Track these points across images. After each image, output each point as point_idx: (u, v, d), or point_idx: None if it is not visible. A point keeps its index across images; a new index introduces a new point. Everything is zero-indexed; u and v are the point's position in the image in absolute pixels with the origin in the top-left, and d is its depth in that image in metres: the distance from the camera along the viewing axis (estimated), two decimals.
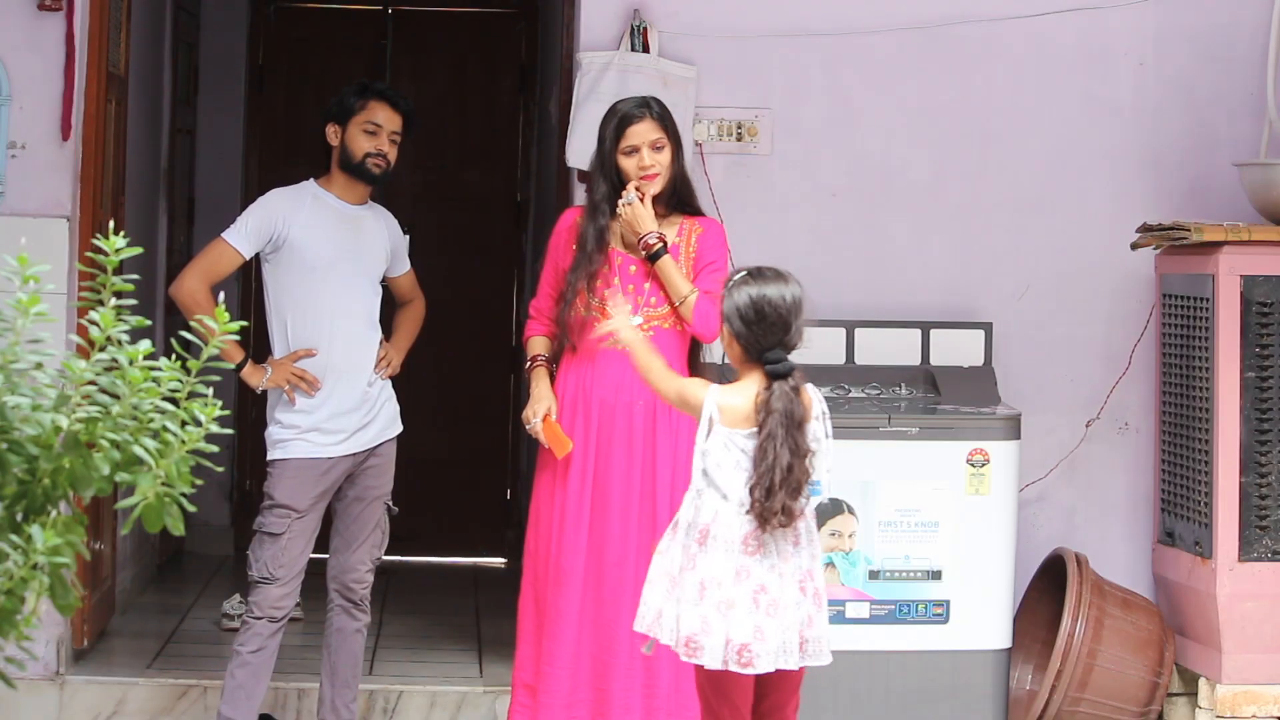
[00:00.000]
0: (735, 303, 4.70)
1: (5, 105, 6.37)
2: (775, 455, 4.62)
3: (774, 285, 4.71)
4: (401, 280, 6.24)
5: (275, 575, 5.85)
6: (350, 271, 5.96)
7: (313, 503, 5.90)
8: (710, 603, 4.65)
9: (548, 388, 5.83)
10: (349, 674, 6.02)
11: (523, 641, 5.84)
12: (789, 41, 6.80)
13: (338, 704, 6.02)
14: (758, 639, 4.64)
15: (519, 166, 9.59)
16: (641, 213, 5.75)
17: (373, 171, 5.99)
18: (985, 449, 6.32)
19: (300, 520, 5.87)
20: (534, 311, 5.97)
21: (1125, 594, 6.61)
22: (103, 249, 3.35)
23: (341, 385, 5.93)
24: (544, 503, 5.84)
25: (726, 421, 4.69)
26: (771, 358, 4.66)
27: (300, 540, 5.88)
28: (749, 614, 4.64)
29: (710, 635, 4.64)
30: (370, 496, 6.01)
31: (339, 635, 6.01)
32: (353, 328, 5.94)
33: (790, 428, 4.63)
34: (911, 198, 6.88)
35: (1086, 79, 6.92)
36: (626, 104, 5.83)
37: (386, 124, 6.00)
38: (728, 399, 4.72)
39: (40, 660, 6.30)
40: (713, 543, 4.68)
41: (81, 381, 3.24)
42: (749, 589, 4.65)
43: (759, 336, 4.68)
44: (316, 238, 5.91)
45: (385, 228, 6.12)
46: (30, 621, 3.23)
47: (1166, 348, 6.74)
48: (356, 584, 6.00)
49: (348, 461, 5.95)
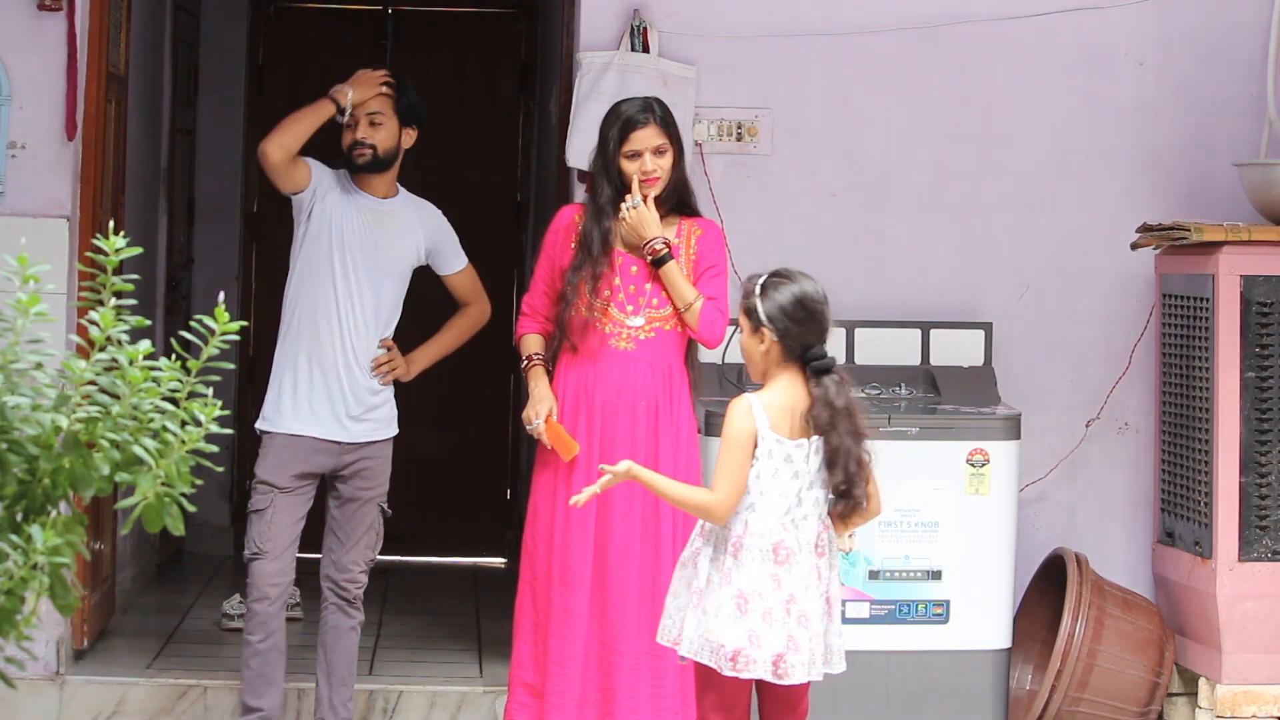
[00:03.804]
0: (778, 303, 4.69)
1: (5, 105, 6.37)
2: (848, 449, 4.65)
3: (808, 282, 4.74)
4: (454, 280, 6.22)
5: (264, 549, 5.88)
6: (363, 262, 5.98)
7: (294, 482, 5.93)
8: (755, 614, 4.65)
9: (547, 387, 5.82)
10: (345, 672, 6.03)
11: (520, 640, 5.85)
12: (789, 41, 6.80)
13: (335, 702, 6.03)
14: (792, 649, 4.65)
15: (519, 166, 9.60)
16: (647, 217, 5.74)
17: (357, 162, 6.01)
18: (985, 449, 6.32)
19: (283, 496, 5.90)
20: (527, 309, 5.96)
21: (1125, 594, 6.61)
22: (103, 249, 3.35)
23: (334, 371, 5.95)
24: (543, 502, 5.83)
25: (776, 426, 4.68)
26: (817, 353, 4.68)
27: (285, 515, 5.90)
28: (783, 624, 4.65)
29: (760, 648, 4.64)
30: (364, 497, 6.02)
31: (334, 633, 6.02)
32: (355, 318, 5.97)
33: (854, 417, 4.67)
34: (911, 198, 6.88)
35: (1086, 79, 6.92)
36: (630, 106, 5.81)
37: (360, 109, 6.00)
38: (772, 399, 4.71)
39: (40, 660, 6.30)
40: (746, 554, 4.67)
41: (81, 381, 3.24)
42: (781, 598, 4.66)
43: (801, 334, 4.68)
44: (339, 222, 5.97)
45: (420, 223, 6.12)
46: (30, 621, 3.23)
47: (1166, 348, 6.74)
48: (350, 583, 6.02)
49: (332, 450, 5.96)
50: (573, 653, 5.72)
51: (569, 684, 5.71)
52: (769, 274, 4.77)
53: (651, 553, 5.71)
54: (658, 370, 5.77)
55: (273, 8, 9.48)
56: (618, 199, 5.77)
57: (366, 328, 5.99)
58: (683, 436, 5.77)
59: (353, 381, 5.97)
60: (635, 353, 5.76)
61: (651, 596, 5.59)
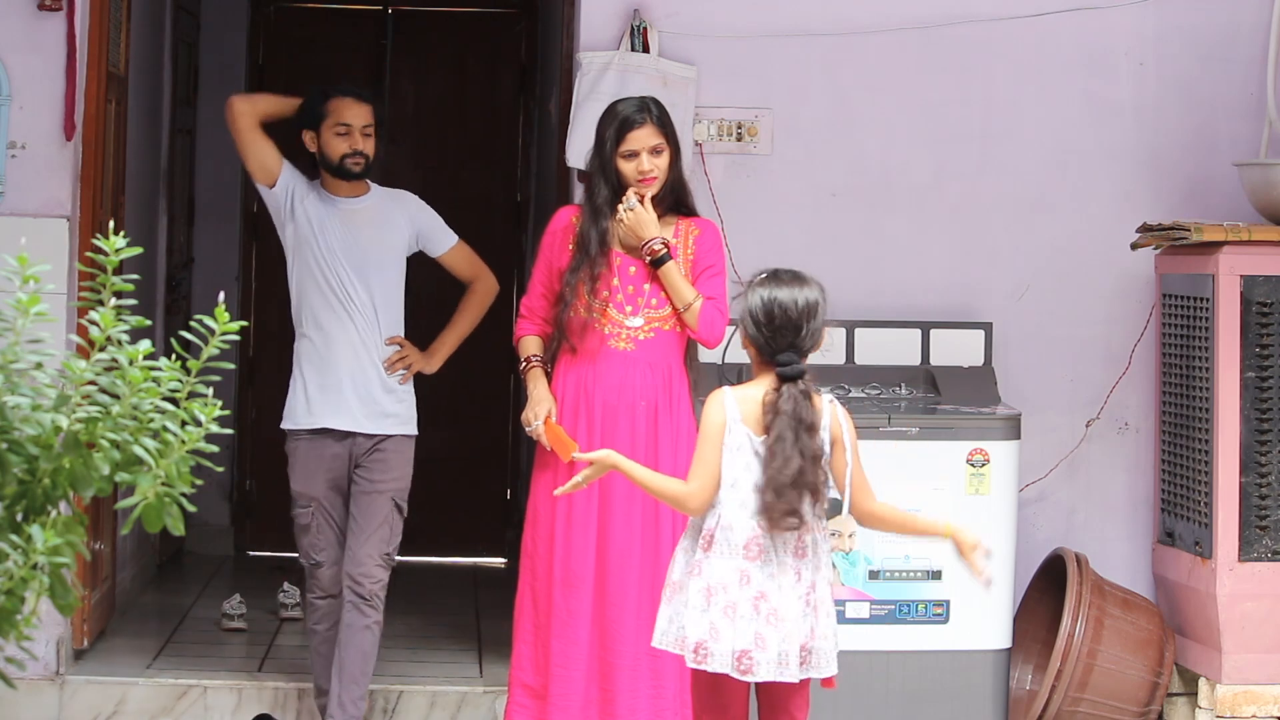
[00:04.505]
0: (749, 304, 4.72)
1: (5, 105, 6.37)
2: (785, 457, 4.62)
3: (787, 288, 4.71)
4: (449, 257, 6.29)
5: (319, 560, 6.12)
6: (352, 263, 6.06)
7: (326, 487, 6.10)
8: (718, 608, 4.65)
9: (546, 389, 5.83)
10: (356, 670, 6.05)
11: (520, 641, 5.84)
12: (789, 41, 6.80)
13: (344, 699, 6.04)
14: (758, 647, 4.64)
15: (519, 166, 9.59)
16: (645, 218, 5.74)
17: (352, 170, 6.10)
18: (985, 449, 6.32)
19: (322, 506, 6.09)
20: (525, 310, 5.97)
21: (1125, 594, 6.61)
22: (103, 249, 3.35)
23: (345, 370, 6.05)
24: (543, 504, 5.83)
25: (746, 419, 4.69)
26: (782, 360, 4.67)
27: (328, 524, 6.12)
28: (750, 620, 4.64)
29: (719, 641, 4.64)
30: (376, 489, 6.07)
31: (348, 631, 6.06)
32: (359, 318, 6.05)
33: (800, 430, 4.63)
34: (911, 198, 6.88)
35: (1086, 79, 6.92)
36: (626, 106, 5.81)
37: (355, 120, 6.10)
38: (745, 392, 4.72)
39: (40, 660, 6.30)
40: (717, 547, 4.68)
41: (81, 381, 3.24)
42: (749, 595, 4.65)
43: (769, 339, 4.69)
44: (322, 227, 6.07)
45: (400, 210, 6.21)
46: (30, 621, 3.23)
47: (1166, 348, 6.74)
48: (365, 578, 6.05)
49: (346, 445, 6.06)
50: (576, 654, 5.72)
51: (573, 685, 5.71)
52: (763, 273, 4.78)
53: (652, 554, 5.71)
54: (658, 370, 5.77)
55: (273, 8, 9.48)
56: (615, 199, 5.77)
57: (370, 325, 6.07)
58: (682, 436, 5.76)
59: (365, 379, 6.07)
60: (635, 353, 5.76)
61: (651, 598, 5.58)
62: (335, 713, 6.04)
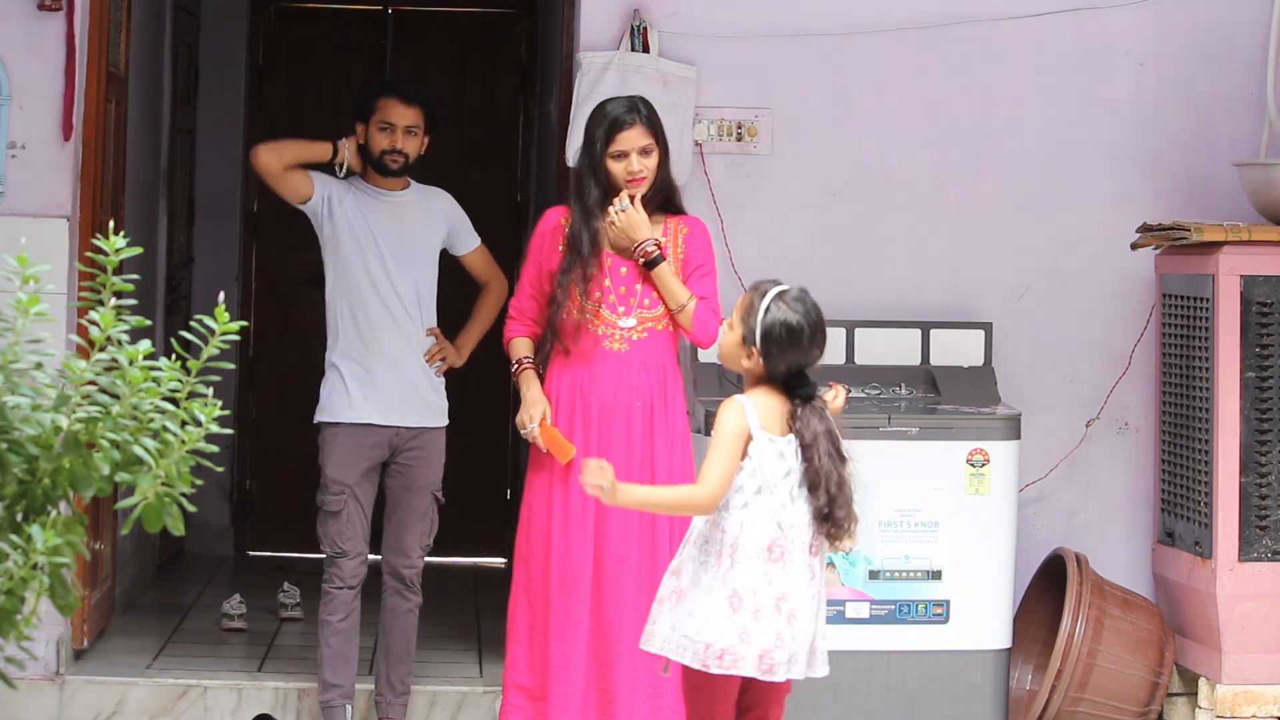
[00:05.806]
0: (766, 325, 4.71)
1: (5, 105, 6.37)
2: (828, 472, 4.69)
3: (799, 311, 4.72)
4: (470, 258, 6.39)
5: (344, 549, 6.15)
6: (397, 255, 6.16)
7: (361, 476, 6.14)
8: (747, 612, 4.67)
9: (539, 391, 5.83)
10: (402, 650, 6.25)
11: (514, 642, 5.84)
12: (789, 41, 6.80)
13: (393, 679, 6.25)
14: (778, 646, 4.68)
15: (519, 166, 9.59)
16: (636, 219, 5.73)
17: (390, 167, 6.20)
18: (985, 449, 6.32)
19: (354, 494, 6.13)
20: (515, 312, 5.97)
21: (1125, 594, 6.61)
22: (103, 249, 3.35)
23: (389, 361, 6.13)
24: (538, 506, 5.83)
25: (768, 426, 4.70)
26: (797, 381, 4.72)
27: (358, 513, 6.16)
28: (772, 620, 4.67)
29: (750, 645, 4.67)
30: (417, 487, 6.24)
31: (392, 615, 6.25)
32: (403, 309, 6.14)
33: (833, 442, 4.72)
34: (911, 198, 6.88)
35: (1086, 79, 6.92)
36: (616, 107, 5.80)
37: (399, 120, 6.19)
38: (761, 400, 4.74)
39: (40, 660, 6.30)
40: (742, 554, 4.70)
41: (81, 381, 3.24)
42: (773, 595, 4.68)
43: (786, 358, 4.71)
44: (366, 221, 6.15)
45: (438, 206, 6.32)
46: (30, 621, 3.23)
47: (1166, 348, 6.74)
48: (408, 567, 6.25)
49: (387, 435, 6.14)
50: (575, 655, 5.71)
51: (572, 686, 5.71)
52: (770, 291, 4.75)
53: (649, 555, 5.71)
54: (652, 370, 5.77)
55: (273, 8, 9.48)
56: (605, 200, 5.76)
57: (412, 318, 6.18)
58: (677, 436, 5.77)
59: (409, 371, 6.17)
60: (629, 354, 5.76)
61: (649, 598, 5.58)
62: (385, 692, 6.24)
